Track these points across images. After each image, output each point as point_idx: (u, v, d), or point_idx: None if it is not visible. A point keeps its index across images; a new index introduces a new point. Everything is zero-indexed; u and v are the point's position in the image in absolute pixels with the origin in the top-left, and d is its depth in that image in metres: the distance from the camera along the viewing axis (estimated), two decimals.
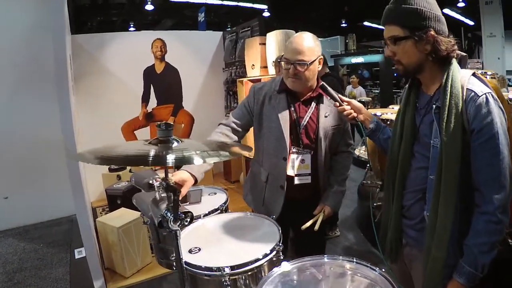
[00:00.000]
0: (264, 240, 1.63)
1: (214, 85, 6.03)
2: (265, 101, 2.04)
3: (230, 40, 5.69)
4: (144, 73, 5.42)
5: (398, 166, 1.57)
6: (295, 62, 1.87)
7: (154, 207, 1.40)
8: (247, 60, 4.87)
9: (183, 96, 5.79)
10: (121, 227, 3.18)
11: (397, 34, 1.40)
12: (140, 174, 1.75)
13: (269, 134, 2.04)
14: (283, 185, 2.05)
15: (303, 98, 2.02)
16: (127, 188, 4.02)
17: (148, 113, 5.56)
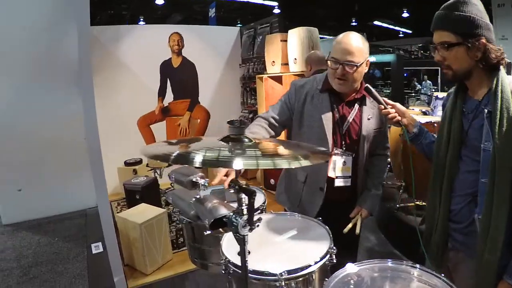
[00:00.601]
0: (315, 243, 1.57)
1: (230, 81, 5.98)
2: (306, 100, 1.97)
3: (247, 36, 5.64)
4: (161, 67, 5.38)
5: (445, 170, 1.57)
6: (344, 63, 1.79)
7: (200, 207, 1.34)
8: (267, 57, 4.81)
9: (200, 91, 5.74)
10: (143, 224, 3.12)
11: (449, 40, 1.42)
12: (181, 170, 1.69)
13: (310, 134, 1.96)
14: (323, 187, 1.99)
15: (346, 99, 1.95)
16: (146, 183, 3.97)
17: (165, 107, 5.51)
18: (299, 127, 2.03)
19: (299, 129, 2.03)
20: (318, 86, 1.96)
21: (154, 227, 3.23)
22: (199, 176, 1.62)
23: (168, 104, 5.54)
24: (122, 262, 3.25)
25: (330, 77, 1.90)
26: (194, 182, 1.57)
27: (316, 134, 1.94)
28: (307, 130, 1.98)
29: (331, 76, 1.87)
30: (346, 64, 1.79)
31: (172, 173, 1.67)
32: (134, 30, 5.28)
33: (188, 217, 1.61)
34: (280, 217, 1.87)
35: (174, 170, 1.68)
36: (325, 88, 1.94)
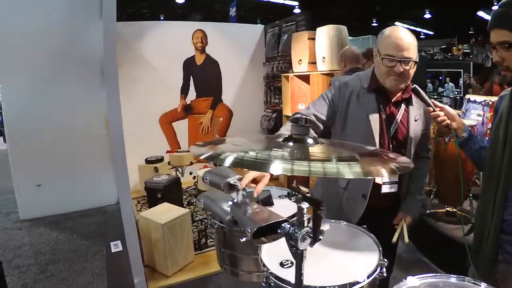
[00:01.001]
0: (363, 254, 1.43)
1: (254, 80, 5.90)
2: (351, 99, 1.83)
3: (272, 34, 5.55)
4: (184, 64, 5.32)
5: (500, 177, 1.45)
6: (401, 60, 1.66)
7: (238, 212, 1.24)
8: (293, 55, 4.70)
9: (223, 89, 5.68)
10: (166, 224, 3.02)
11: (508, 40, 1.32)
12: (217, 171, 1.58)
13: (354, 135, 1.79)
14: (366, 194, 1.85)
15: (394, 99, 1.82)
16: (168, 181, 3.87)
17: (187, 105, 5.44)
18: (342, 129, 1.88)
19: (342, 131, 1.88)
20: (364, 85, 1.83)
21: (177, 228, 3.13)
22: (237, 178, 1.51)
23: (190, 102, 5.48)
24: (143, 262, 3.15)
25: (382, 75, 1.75)
26: (231, 185, 1.46)
27: (361, 136, 1.79)
28: (351, 131, 1.84)
29: (385, 74, 1.73)
30: (403, 61, 1.66)
31: (207, 174, 1.57)
32: (156, 27, 5.22)
33: (223, 222, 1.47)
34: (324, 224, 1.74)
35: (209, 171, 1.58)
36: (373, 87, 1.81)
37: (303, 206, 1.01)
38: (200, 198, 1.59)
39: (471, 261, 1.59)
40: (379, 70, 1.76)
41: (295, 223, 1.02)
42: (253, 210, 1.25)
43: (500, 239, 1.48)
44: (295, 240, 1.00)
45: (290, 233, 1.01)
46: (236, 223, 1.37)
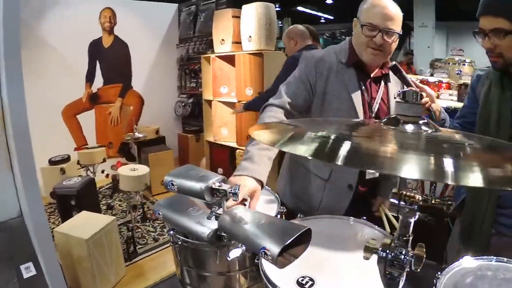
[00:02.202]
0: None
1: (166, 63, 5.45)
2: (330, 76, 1.61)
3: (187, 13, 5.17)
4: (90, 47, 4.68)
5: None
6: (384, 30, 1.50)
7: (232, 223, 1.07)
8: (215, 34, 4.34)
9: (132, 74, 5.13)
10: (91, 238, 2.50)
11: (505, 27, 1.33)
12: (187, 174, 1.22)
13: (337, 117, 1.59)
14: (352, 184, 1.65)
15: (373, 75, 1.65)
16: (81, 185, 3.27)
17: (93, 94, 4.79)
18: (320, 110, 1.64)
19: (320, 113, 1.64)
20: (342, 59, 1.62)
21: (103, 241, 2.62)
22: (220, 179, 1.16)
23: (97, 90, 4.83)
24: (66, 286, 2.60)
25: (360, 47, 1.57)
26: (215, 190, 1.15)
27: (344, 117, 1.57)
28: (333, 114, 1.61)
29: (363, 45, 1.55)
30: (386, 31, 1.50)
31: (171, 178, 1.24)
32: (60, 4, 4.44)
33: (200, 238, 1.17)
34: (332, 222, 1.47)
35: (174, 173, 1.25)
36: (352, 62, 1.61)
37: (410, 220, 0.76)
38: (157, 209, 1.31)
39: (461, 245, 1.61)
40: (358, 40, 1.58)
41: (396, 244, 0.78)
42: (255, 220, 1.06)
43: (495, 214, 1.50)
44: (399, 266, 0.77)
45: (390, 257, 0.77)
46: (222, 239, 1.15)
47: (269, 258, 0.92)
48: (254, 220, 1.08)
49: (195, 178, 1.17)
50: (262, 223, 1.06)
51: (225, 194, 1.12)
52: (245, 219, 1.08)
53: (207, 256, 1.37)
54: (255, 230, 1.02)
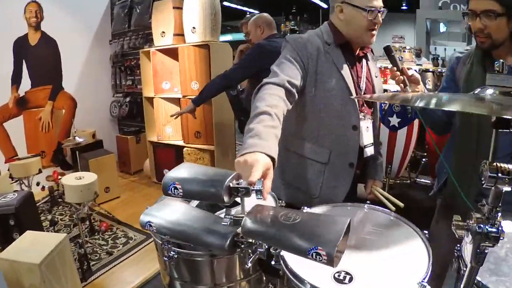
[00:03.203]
0: (412, 256, 1.14)
1: (99, 61, 5.09)
2: (319, 56, 1.61)
3: (121, 7, 4.88)
4: (14, 45, 4.18)
5: (479, 136, 1.57)
6: (381, 10, 1.57)
7: (264, 224, 0.95)
8: (155, 27, 4.12)
9: (63, 74, 4.69)
10: (43, 262, 2.17)
11: (496, 9, 1.43)
12: (190, 172, 1.06)
13: (330, 98, 1.61)
14: (353, 162, 1.66)
15: (356, 54, 1.70)
16: (20, 201, 2.86)
17: (20, 98, 4.31)
18: (314, 90, 1.64)
19: (314, 94, 1.64)
20: (328, 40, 1.64)
21: (56, 263, 2.30)
22: (236, 176, 1.02)
23: (24, 94, 4.33)
24: None
25: (359, 30, 1.60)
26: (233, 190, 0.99)
27: (339, 97, 1.62)
28: (325, 94, 1.62)
29: (365, 28, 1.59)
30: (382, 11, 1.58)
31: (173, 180, 1.03)
32: None
33: (213, 250, 1.10)
34: (346, 211, 1.47)
35: (174, 176, 1.06)
36: (339, 42, 1.64)
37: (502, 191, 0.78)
38: (147, 220, 1.13)
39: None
40: (358, 24, 1.59)
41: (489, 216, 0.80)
42: (289, 219, 0.94)
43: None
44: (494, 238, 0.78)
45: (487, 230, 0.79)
46: (239, 245, 1.03)
47: (323, 259, 0.82)
48: (287, 219, 0.94)
49: (206, 177, 1.00)
50: (299, 221, 0.93)
51: (246, 193, 0.97)
52: (276, 218, 0.94)
53: (218, 265, 1.23)
54: (296, 229, 0.90)
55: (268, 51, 2.91)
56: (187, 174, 1.04)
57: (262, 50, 2.95)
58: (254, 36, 3.23)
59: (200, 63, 3.83)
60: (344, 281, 1.01)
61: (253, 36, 3.23)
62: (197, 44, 3.79)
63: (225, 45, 4.06)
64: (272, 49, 2.91)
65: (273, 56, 2.94)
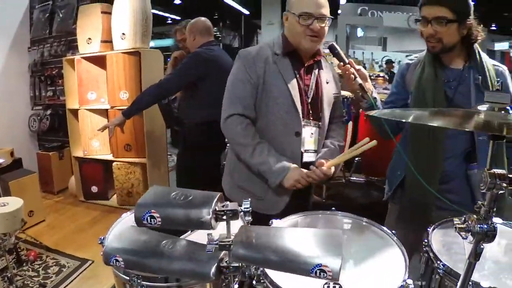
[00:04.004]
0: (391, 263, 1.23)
1: (16, 70, 4.60)
2: (266, 67, 1.74)
3: (41, 11, 4.48)
4: None
5: (430, 136, 1.70)
6: (318, 17, 1.66)
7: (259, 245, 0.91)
8: (80, 33, 3.83)
9: None
10: None
11: (447, 16, 1.56)
12: (165, 198, 0.96)
13: (276, 107, 1.75)
14: (298, 166, 1.75)
15: (307, 63, 1.81)
16: None
17: None
18: (261, 99, 1.78)
19: (261, 101, 1.78)
20: (277, 51, 1.77)
21: None
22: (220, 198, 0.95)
23: None
24: None
25: (297, 36, 1.72)
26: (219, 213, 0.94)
27: (283, 106, 1.75)
28: (271, 103, 1.76)
29: (301, 34, 1.69)
30: (320, 18, 1.67)
31: (149, 208, 0.93)
32: None
33: (197, 280, 1.04)
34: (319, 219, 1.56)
35: (148, 203, 0.96)
36: (286, 51, 1.77)
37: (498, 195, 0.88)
38: (113, 254, 0.99)
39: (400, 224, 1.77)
40: (294, 31, 1.72)
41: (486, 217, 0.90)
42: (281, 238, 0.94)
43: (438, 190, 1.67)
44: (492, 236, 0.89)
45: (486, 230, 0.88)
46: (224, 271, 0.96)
47: (328, 275, 0.83)
48: (279, 238, 0.92)
49: (188, 201, 0.90)
50: (293, 240, 0.91)
51: (233, 215, 0.89)
52: (268, 239, 0.90)
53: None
54: (294, 249, 0.88)
55: (204, 60, 2.83)
56: (163, 199, 0.94)
57: (198, 58, 2.85)
58: (188, 43, 3.12)
59: (130, 71, 3.62)
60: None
61: (188, 43, 3.12)
62: (127, 51, 3.58)
63: (156, 52, 3.88)
64: (209, 58, 2.85)
65: (210, 64, 2.88)
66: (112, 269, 1.16)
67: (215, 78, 2.84)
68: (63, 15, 4.18)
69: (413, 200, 1.77)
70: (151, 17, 3.68)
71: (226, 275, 0.93)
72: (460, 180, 1.73)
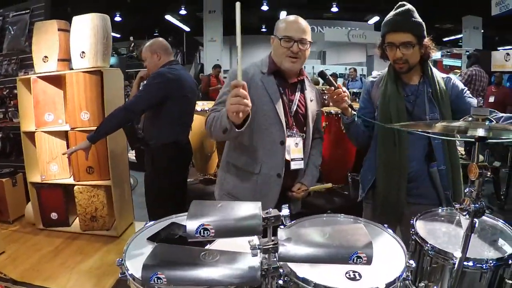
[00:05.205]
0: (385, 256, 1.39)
1: None
2: (252, 84, 1.92)
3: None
4: None
5: (396, 143, 1.95)
6: (299, 40, 1.87)
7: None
8: (36, 51, 3.66)
9: None
10: None
11: (411, 41, 1.85)
12: (212, 210, 1.01)
13: (261, 119, 1.95)
14: (280, 173, 1.98)
15: (291, 81, 2.03)
16: None
17: None
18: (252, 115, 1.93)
19: (252, 118, 1.91)
20: (263, 70, 1.99)
21: None
22: (260, 206, 1.02)
23: None
24: None
25: (280, 57, 1.93)
26: (268, 219, 1.03)
27: (268, 118, 1.96)
28: (258, 115, 1.93)
29: (283, 55, 1.91)
30: (301, 41, 1.88)
31: (201, 221, 0.99)
32: None
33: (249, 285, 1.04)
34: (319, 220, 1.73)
35: (196, 216, 1.00)
36: (272, 70, 1.98)
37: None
38: (153, 273, 0.97)
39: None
40: (278, 52, 1.94)
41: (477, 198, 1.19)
42: (319, 235, 1.06)
43: (406, 189, 1.98)
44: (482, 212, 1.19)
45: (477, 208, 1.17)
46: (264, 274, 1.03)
47: (364, 260, 0.96)
48: (316, 236, 1.04)
49: (238, 212, 0.97)
50: (330, 235, 1.03)
51: (275, 221, 0.97)
52: (307, 238, 1.00)
53: None
54: (333, 243, 1.00)
55: (168, 80, 2.86)
56: (212, 212, 0.99)
57: (163, 78, 2.86)
58: (150, 63, 3.09)
59: (91, 91, 3.50)
60: (356, 278, 1.20)
61: (149, 63, 3.10)
62: (88, 70, 3.49)
63: (117, 71, 3.83)
64: (173, 77, 2.87)
65: (174, 85, 2.94)
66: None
67: (178, 97, 2.90)
68: (15, 32, 4.03)
69: (384, 199, 2.01)
70: (111, 36, 3.62)
71: (268, 276, 0.99)
72: (424, 178, 1.99)
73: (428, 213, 1.77)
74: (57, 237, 3.75)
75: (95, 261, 3.25)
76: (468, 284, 1.39)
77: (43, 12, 3.93)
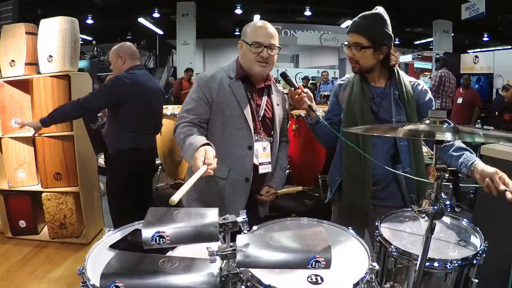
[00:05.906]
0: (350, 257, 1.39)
1: None
2: (220, 89, 1.96)
3: None
4: None
5: (363, 147, 1.93)
6: (268, 46, 1.89)
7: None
8: (3, 54, 3.56)
9: None
10: None
11: (362, 43, 1.87)
12: (170, 217, 1.01)
13: (229, 124, 1.97)
14: (249, 178, 2.00)
15: (258, 87, 2.05)
16: None
17: None
18: (216, 117, 2.00)
19: (214, 124, 2.01)
20: (231, 75, 2.00)
21: None
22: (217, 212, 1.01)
23: None
24: None
25: (249, 62, 1.94)
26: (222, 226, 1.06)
27: (236, 123, 1.97)
28: (226, 120, 1.97)
29: (252, 60, 1.92)
30: (270, 47, 1.90)
31: (157, 228, 1.02)
32: None
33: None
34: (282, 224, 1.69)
35: (152, 223, 1.02)
36: (240, 76, 1.99)
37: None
38: (111, 281, 0.98)
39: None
40: (247, 58, 1.94)
41: (437, 200, 1.19)
42: (277, 240, 1.04)
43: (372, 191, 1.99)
44: (441, 213, 1.19)
45: (437, 210, 1.18)
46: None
47: (322, 264, 0.96)
48: (275, 241, 1.03)
49: (194, 218, 0.97)
50: (287, 240, 1.02)
51: (232, 227, 0.96)
52: (265, 244, 0.99)
53: None
54: (290, 248, 0.99)
55: (124, 84, 2.86)
56: (169, 219, 0.98)
57: (119, 82, 2.87)
58: (115, 66, 3.09)
59: (58, 95, 3.41)
60: (318, 282, 1.18)
61: (114, 67, 3.10)
62: (55, 75, 3.42)
63: (85, 75, 3.78)
64: (130, 83, 2.87)
65: (131, 89, 2.91)
66: None
67: (135, 103, 2.89)
68: None
69: (350, 201, 2.03)
70: (79, 39, 3.55)
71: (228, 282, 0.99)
72: (389, 180, 1.99)
73: (394, 214, 1.78)
74: (26, 245, 3.64)
75: (64, 269, 3.18)
76: (434, 284, 1.41)
77: (11, 15, 3.83)
